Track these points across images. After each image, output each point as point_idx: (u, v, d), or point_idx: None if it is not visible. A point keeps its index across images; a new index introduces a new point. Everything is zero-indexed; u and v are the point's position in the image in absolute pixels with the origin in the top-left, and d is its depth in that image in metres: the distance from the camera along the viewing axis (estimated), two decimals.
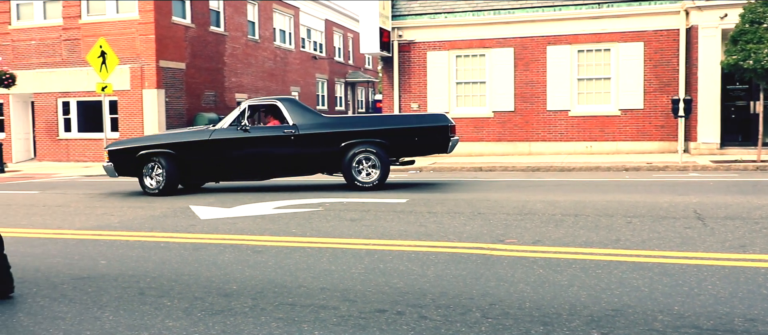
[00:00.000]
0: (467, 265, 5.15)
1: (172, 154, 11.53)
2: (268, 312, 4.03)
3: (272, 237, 6.60)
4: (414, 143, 11.37)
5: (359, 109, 44.81)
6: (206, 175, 11.93)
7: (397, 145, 11.32)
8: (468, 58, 19.37)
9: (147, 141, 12.04)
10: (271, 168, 11.64)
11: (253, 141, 11.38)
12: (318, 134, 11.25)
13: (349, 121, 11.86)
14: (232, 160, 11.48)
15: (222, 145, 11.45)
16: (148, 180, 11.60)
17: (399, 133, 11.33)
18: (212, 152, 11.49)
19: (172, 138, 11.87)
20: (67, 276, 5.13)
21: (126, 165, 11.83)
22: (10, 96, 23.99)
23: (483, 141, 19.31)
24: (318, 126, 11.29)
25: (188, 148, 11.55)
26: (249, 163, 11.52)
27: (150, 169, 11.57)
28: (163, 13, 22.73)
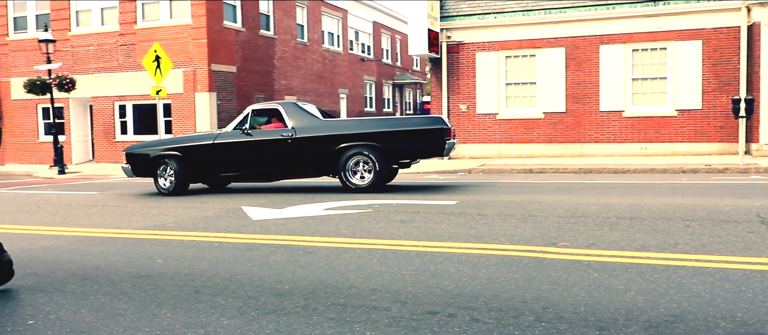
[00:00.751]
0: (519, 268, 5.08)
1: (181, 156, 12.14)
2: (319, 313, 4.05)
3: (323, 238, 6.65)
4: (409, 146, 11.34)
5: (407, 110, 44.82)
6: (212, 177, 12.43)
7: (393, 148, 11.31)
8: (518, 59, 19.14)
9: (159, 144, 12.64)
10: (271, 170, 11.95)
11: (253, 144, 11.78)
12: (314, 137, 11.48)
13: (345, 124, 11.82)
14: (235, 162, 11.95)
15: (225, 148, 11.97)
16: (162, 180, 12.27)
17: (394, 136, 11.32)
18: (216, 155, 12.01)
19: (181, 141, 12.48)
20: (126, 274, 5.28)
21: (141, 167, 12.52)
22: (70, 100, 24.87)
23: (533, 142, 19.05)
24: (315, 129, 11.52)
25: (195, 151, 12.12)
26: (250, 165, 11.93)
27: (163, 171, 12.24)
28: (215, 17, 23.21)
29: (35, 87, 21.71)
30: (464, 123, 19.68)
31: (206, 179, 12.66)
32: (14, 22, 26.17)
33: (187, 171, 12.15)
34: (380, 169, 11.17)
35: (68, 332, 3.79)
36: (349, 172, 11.36)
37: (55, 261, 5.89)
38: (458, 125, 19.72)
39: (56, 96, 22.57)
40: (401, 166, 11.99)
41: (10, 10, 26.10)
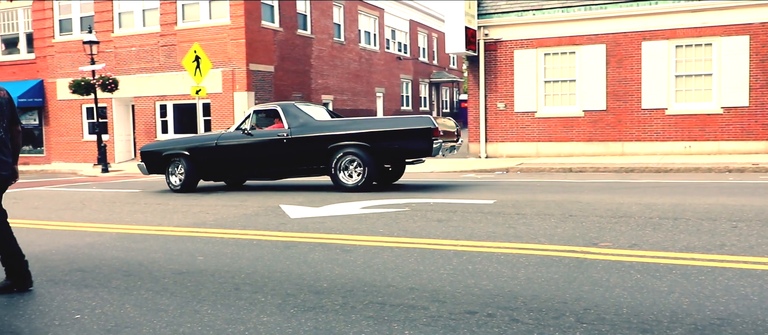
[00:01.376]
0: (559, 268, 5.01)
1: (188, 155, 12.74)
2: (358, 311, 4.06)
3: (360, 237, 6.66)
4: (398, 146, 11.45)
5: (444, 109, 44.66)
6: (216, 175, 12.97)
7: (381, 148, 11.46)
8: (557, 56, 18.89)
9: (170, 144, 13.34)
10: (270, 169, 12.31)
11: (252, 144, 12.21)
12: (308, 137, 11.77)
13: (336, 125, 11.99)
14: (236, 161, 12.46)
15: (227, 148, 12.49)
16: (173, 178, 12.93)
17: (382, 136, 11.46)
18: (219, 154, 12.53)
19: (189, 141, 13.15)
20: (167, 270, 5.37)
21: (154, 164, 13.23)
22: (113, 100, 25.44)
23: (572, 141, 18.78)
24: (309, 129, 11.81)
25: (200, 151, 12.70)
26: (250, 164, 12.38)
27: (173, 169, 12.90)
28: (253, 18, 23.47)
29: (80, 87, 22.26)
30: (502, 121, 19.52)
31: (212, 177, 13.08)
32: (60, 25, 26.89)
33: (195, 169, 12.69)
34: (369, 168, 11.32)
35: (113, 326, 3.87)
36: (341, 171, 11.58)
37: (100, 257, 6.03)
38: (496, 124, 19.57)
39: (100, 96, 23.11)
40: (395, 165, 12.24)
41: (56, 13, 26.82)
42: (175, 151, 12.89)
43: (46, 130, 27.55)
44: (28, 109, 27.55)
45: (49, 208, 10.50)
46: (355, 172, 11.52)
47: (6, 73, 28.00)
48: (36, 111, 27.70)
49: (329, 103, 29.02)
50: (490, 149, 19.61)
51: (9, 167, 4.87)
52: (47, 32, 26.92)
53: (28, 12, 27.50)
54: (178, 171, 12.84)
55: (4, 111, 4.85)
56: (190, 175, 12.68)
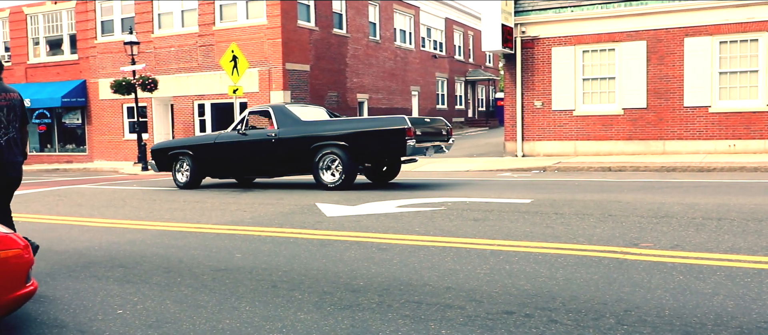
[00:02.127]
0: (599, 269, 4.93)
1: (191, 154, 13.51)
2: (394, 309, 4.05)
3: (396, 235, 6.66)
4: (374, 146, 11.76)
5: (480, 107, 44.36)
6: (216, 172, 13.59)
7: (359, 148, 11.80)
8: (596, 53, 18.59)
9: (176, 143, 14.17)
10: (261, 167, 12.88)
11: (244, 143, 12.80)
12: (294, 138, 12.25)
13: (319, 126, 12.37)
14: (230, 159, 13.09)
15: (223, 146, 13.16)
16: (179, 175, 13.74)
17: (359, 136, 11.81)
18: (218, 152, 13.21)
19: (191, 141, 14.00)
20: (206, 267, 5.44)
21: (163, 162, 14.02)
22: (152, 99, 25.92)
23: (611, 139, 18.46)
24: (295, 130, 12.30)
25: (201, 149, 13.45)
26: (242, 162, 12.97)
27: (179, 166, 13.71)
28: (290, 17, 23.65)
29: (121, 87, 22.73)
30: (539, 120, 19.29)
31: (213, 174, 13.68)
32: (102, 26, 27.50)
33: (198, 167, 13.44)
34: (348, 167, 11.70)
35: (154, 322, 3.94)
36: (322, 170, 12.01)
37: (141, 254, 6.14)
38: (533, 122, 19.35)
39: (140, 96, 23.56)
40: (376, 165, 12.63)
41: (98, 14, 27.44)
42: (179, 149, 13.70)
43: (89, 129, 28.21)
44: (72, 108, 28.27)
45: (92, 205, 10.75)
46: (336, 171, 11.91)
47: (51, 73, 28.77)
48: (79, 110, 28.39)
49: (364, 102, 29.09)
50: (527, 148, 19.41)
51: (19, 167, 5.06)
52: (90, 33, 27.56)
53: (71, 14, 28.20)
54: (184, 169, 13.64)
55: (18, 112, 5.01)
56: (194, 172, 13.44)
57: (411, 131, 11.33)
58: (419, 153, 11.55)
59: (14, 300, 3.59)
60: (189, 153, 13.54)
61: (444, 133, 12.67)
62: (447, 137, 12.73)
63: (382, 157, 12.17)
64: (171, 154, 13.82)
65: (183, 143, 13.92)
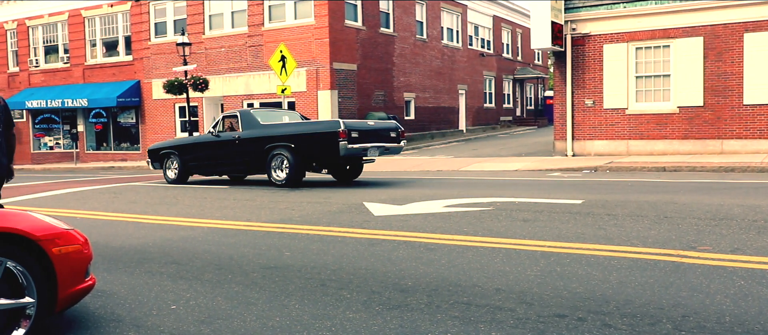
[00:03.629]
0: (654, 272, 4.79)
1: (177, 153, 14.94)
2: (443, 310, 4.02)
3: (444, 235, 6.61)
4: (313, 147, 12.70)
5: (528, 106, 43.79)
6: (196, 169, 14.88)
7: (303, 149, 12.74)
8: (649, 50, 18.09)
9: (166, 143, 15.60)
10: (227, 165, 14.16)
11: (216, 144, 14.04)
12: (252, 139, 13.33)
13: (273, 129, 13.35)
14: (206, 157, 14.38)
15: (200, 146, 14.55)
16: (169, 172, 15.11)
17: (302, 138, 12.77)
18: (196, 151, 14.61)
19: (178, 141, 15.51)
20: (256, 265, 5.51)
21: (157, 160, 15.45)
22: (203, 99, 26.46)
23: (666, 138, 17.95)
24: (254, 132, 13.39)
25: (184, 149, 14.90)
26: (215, 161, 14.24)
27: (170, 164, 15.09)
28: (337, 17, 23.79)
29: (173, 87, 23.27)
30: (590, 118, 18.90)
31: (195, 171, 15.01)
32: (155, 28, 28.21)
33: (183, 164, 14.78)
34: (294, 167, 12.66)
35: (206, 318, 4.00)
36: (273, 169, 13.01)
37: (193, 251, 6.26)
38: (583, 121, 18.97)
39: (191, 95, 24.07)
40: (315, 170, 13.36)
41: (152, 16, 28.16)
42: (169, 149, 15.19)
43: (142, 128, 28.97)
44: (126, 108, 29.09)
45: (146, 203, 11.03)
46: (284, 170, 12.86)
47: (107, 74, 29.67)
48: (133, 110, 29.19)
49: (411, 101, 29.04)
50: (577, 147, 19.05)
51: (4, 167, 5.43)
52: (144, 35, 28.30)
53: (126, 16, 29.01)
54: (174, 166, 15.04)
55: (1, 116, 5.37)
56: (181, 169, 14.88)
57: (343, 133, 12.19)
58: (355, 153, 12.38)
59: (74, 294, 3.69)
60: (175, 152, 14.99)
61: (392, 135, 13.45)
62: (396, 139, 13.51)
63: (321, 156, 12.86)
64: (162, 153, 15.31)
65: (171, 144, 15.48)
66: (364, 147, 12.52)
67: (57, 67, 31.36)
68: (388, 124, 13.82)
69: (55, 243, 3.55)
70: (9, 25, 32.75)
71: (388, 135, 13.37)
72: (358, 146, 12.35)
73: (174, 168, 15.03)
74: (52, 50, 31.75)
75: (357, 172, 14.25)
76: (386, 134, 13.35)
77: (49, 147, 32.40)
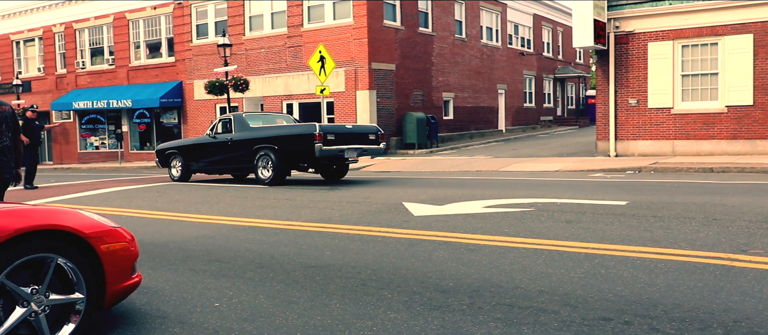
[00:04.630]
0: (703, 276, 4.65)
1: (179, 153, 16.14)
2: (485, 312, 3.98)
3: (485, 236, 6.55)
4: (293, 148, 13.69)
5: (569, 105, 43.15)
6: (197, 168, 15.91)
7: (284, 150, 13.76)
8: (696, 48, 17.64)
9: (170, 144, 16.80)
10: (222, 165, 15.23)
11: (212, 145, 15.17)
12: (243, 140, 14.41)
13: (260, 131, 14.40)
14: (205, 157, 15.47)
15: (199, 147, 15.66)
16: (173, 170, 16.30)
17: (283, 140, 13.82)
18: (196, 151, 15.72)
19: (180, 142, 16.81)
20: (297, 264, 5.54)
21: (163, 160, 16.61)
22: (243, 99, 26.79)
23: (713, 139, 17.47)
24: (244, 134, 14.45)
25: (185, 149, 16.09)
26: (212, 161, 15.29)
27: (174, 163, 16.23)
28: (376, 17, 23.82)
29: (214, 88, 23.60)
30: (634, 118, 18.52)
31: (195, 170, 16.02)
32: (197, 29, 28.68)
33: (185, 164, 15.95)
34: (277, 166, 13.71)
35: (249, 315, 4.04)
36: (260, 168, 14.04)
37: (235, 249, 6.33)
38: (627, 120, 18.60)
39: (232, 96, 24.37)
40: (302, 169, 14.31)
41: (194, 18, 28.63)
42: (172, 149, 16.37)
43: (184, 128, 29.49)
44: (169, 108, 29.65)
45: (188, 202, 11.21)
46: (269, 169, 13.86)
47: (150, 75, 30.30)
48: (175, 110, 29.74)
49: (450, 101, 28.90)
50: (620, 147, 18.69)
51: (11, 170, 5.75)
52: (186, 37, 28.80)
53: (169, 18, 29.56)
54: (178, 166, 16.16)
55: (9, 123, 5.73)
56: (184, 168, 16.02)
57: (318, 136, 13.11)
58: (330, 154, 13.25)
59: (121, 291, 3.77)
60: (178, 153, 16.18)
61: (371, 138, 14.33)
62: (376, 141, 14.38)
63: (300, 156, 13.70)
64: (167, 154, 16.49)
65: (175, 145, 16.70)
66: (341, 148, 13.44)
67: (102, 69, 32.16)
68: (367, 127, 14.89)
69: (103, 240, 3.62)
70: (57, 28, 33.71)
71: (366, 138, 14.28)
72: (334, 148, 13.30)
73: (178, 168, 16.18)
74: (97, 52, 32.58)
75: (343, 172, 15.15)
76: (365, 137, 14.28)
77: (94, 146, 33.25)
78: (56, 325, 3.45)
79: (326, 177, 15.17)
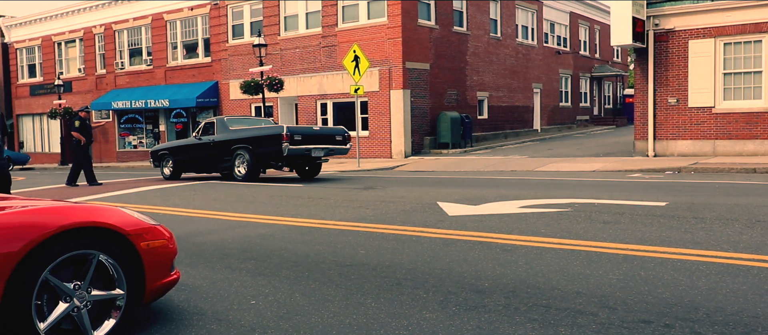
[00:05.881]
0: (747, 279, 4.53)
1: (169, 154, 17.56)
2: (521, 313, 3.93)
3: (521, 237, 6.48)
4: (264, 147, 14.94)
5: (606, 104, 42.49)
6: (185, 168, 17.28)
7: (257, 150, 15.07)
8: (739, 46, 17.19)
9: (162, 145, 18.35)
10: (207, 164, 16.55)
11: (197, 146, 16.72)
12: (223, 141, 15.83)
13: (237, 133, 15.71)
14: (191, 157, 16.95)
15: (186, 148, 17.25)
16: (165, 169, 17.70)
17: (255, 141, 15.12)
18: (183, 152, 17.25)
19: (170, 144, 18.27)
20: (332, 262, 5.56)
21: (156, 160, 18.04)
22: (278, 99, 27.02)
23: (757, 138, 17.02)
24: (224, 136, 15.86)
25: (174, 150, 17.57)
26: (198, 160, 16.74)
27: (165, 163, 17.65)
28: (410, 16, 23.78)
29: (249, 88, 23.84)
30: (673, 117, 18.14)
31: (185, 169, 17.38)
32: (232, 30, 29.03)
33: (175, 163, 17.36)
34: (250, 165, 15.09)
35: (285, 313, 4.06)
36: (237, 167, 15.39)
37: (271, 248, 6.38)
38: (666, 120, 18.24)
39: (267, 95, 24.60)
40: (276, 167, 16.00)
41: (229, 19, 28.99)
42: (164, 151, 17.83)
43: None
44: (205, 108, 30.07)
45: (225, 200, 11.35)
46: (244, 167, 15.19)
47: (186, 75, 30.78)
48: (211, 110, 30.15)
49: (484, 100, 28.71)
50: (659, 147, 18.33)
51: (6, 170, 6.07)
52: (222, 37, 29.17)
53: (206, 19, 29.99)
54: (169, 165, 17.53)
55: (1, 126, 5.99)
56: (174, 167, 17.39)
57: (286, 136, 14.34)
58: (297, 153, 14.55)
59: (160, 287, 3.82)
60: (169, 153, 17.58)
61: (338, 139, 15.56)
62: (343, 142, 15.64)
63: (271, 155, 14.90)
64: (160, 154, 17.89)
65: (165, 146, 18.13)
66: (307, 148, 14.70)
67: (141, 69, 32.79)
68: (333, 129, 16.22)
69: (143, 237, 3.68)
70: (97, 29, 34.49)
71: (333, 138, 15.51)
72: (300, 147, 14.55)
73: (169, 167, 17.54)
74: (136, 53, 33.22)
75: (316, 171, 16.31)
76: (331, 138, 15.49)
77: (132, 145, 33.92)
78: (97, 320, 3.52)
79: (301, 176, 16.35)
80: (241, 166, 15.32)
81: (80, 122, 16.03)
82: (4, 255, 3.10)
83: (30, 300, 3.18)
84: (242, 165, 15.30)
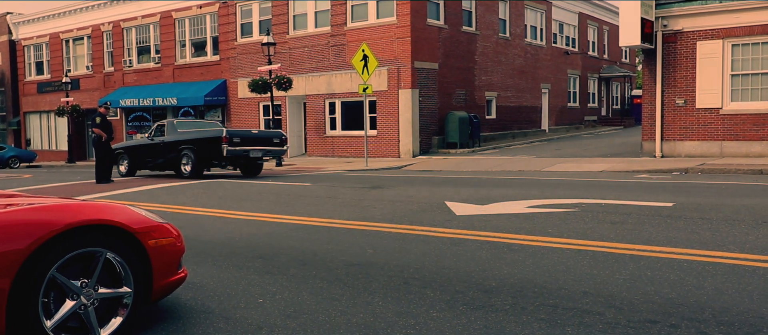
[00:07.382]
0: (753, 280, 4.53)
1: (125, 153, 18.99)
2: (529, 312, 3.95)
3: (528, 237, 6.49)
4: (206, 148, 16.19)
5: (614, 105, 42.36)
6: (139, 166, 18.61)
7: (200, 150, 16.38)
8: (747, 47, 17.11)
9: (119, 145, 19.51)
10: (158, 162, 17.84)
11: (149, 146, 18.10)
12: (170, 142, 17.19)
13: (184, 134, 17.07)
14: (144, 156, 18.29)
15: (139, 148, 18.68)
16: (121, 167, 19.02)
17: (198, 142, 16.43)
18: (137, 151, 18.65)
19: (126, 144, 19.78)
20: (340, 261, 5.58)
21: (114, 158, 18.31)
22: (287, 98, 27.08)
23: (764, 140, 16.95)
24: (173, 137, 17.20)
25: (129, 150, 19.04)
26: (150, 159, 18.05)
27: (121, 161, 18.99)
28: (419, 16, 23.78)
29: (258, 86, 23.91)
30: (681, 118, 18.08)
31: (138, 167, 18.72)
32: (241, 28, 29.11)
33: (130, 162, 18.79)
34: (194, 163, 16.46)
35: (292, 312, 4.09)
36: (183, 165, 16.70)
37: (278, 246, 6.41)
38: (673, 120, 18.18)
39: (275, 94, 24.67)
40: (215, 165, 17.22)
41: (238, 17, 29.07)
42: (120, 150, 19.09)
43: (228, 126, 29.95)
44: (213, 106, 30.17)
45: (232, 198, 11.39)
46: (189, 166, 16.52)
47: (195, 73, 30.88)
48: (219, 108, 30.25)
49: (493, 100, 28.68)
50: (667, 148, 18.27)
51: None
52: (230, 35, 29.25)
53: (214, 17, 30.08)
54: (124, 163, 18.99)
55: None
56: (129, 166, 18.88)
57: (225, 138, 15.63)
58: (236, 154, 15.85)
59: (168, 286, 3.85)
60: (124, 152, 19.02)
61: (275, 141, 16.99)
62: (280, 144, 17.16)
63: (213, 155, 16.12)
64: (117, 153, 18.85)
65: (122, 146, 19.53)
66: (245, 149, 16.00)
67: (149, 67, 32.92)
68: (271, 132, 17.42)
69: (150, 235, 3.69)
70: (105, 27, 34.65)
71: (271, 141, 16.89)
72: (239, 148, 15.82)
73: (125, 165, 18.97)
74: (144, 51, 33.36)
75: (257, 170, 17.54)
76: (269, 140, 16.85)
77: None
78: (104, 318, 3.52)
79: (244, 174, 17.54)
80: (187, 164, 16.63)
81: (101, 118, 16.37)
82: (11, 253, 3.10)
83: (37, 297, 3.19)
84: (188, 164, 16.61)
